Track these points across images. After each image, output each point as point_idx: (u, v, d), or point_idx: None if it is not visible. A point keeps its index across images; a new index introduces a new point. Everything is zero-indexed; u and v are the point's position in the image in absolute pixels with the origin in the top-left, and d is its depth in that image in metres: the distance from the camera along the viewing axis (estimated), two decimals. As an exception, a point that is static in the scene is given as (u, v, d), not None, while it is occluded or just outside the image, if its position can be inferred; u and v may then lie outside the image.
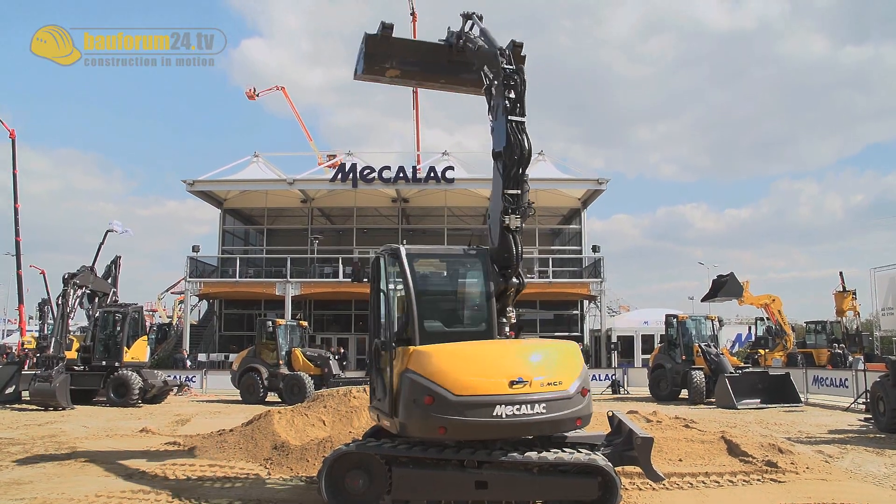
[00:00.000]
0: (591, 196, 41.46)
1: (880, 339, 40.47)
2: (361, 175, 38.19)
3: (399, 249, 7.72)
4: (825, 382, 24.01)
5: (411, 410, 7.08)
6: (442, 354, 7.25)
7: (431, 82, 10.75)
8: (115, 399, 21.86)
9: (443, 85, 10.57)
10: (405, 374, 7.21)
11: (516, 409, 6.96)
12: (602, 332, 39.35)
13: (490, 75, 8.83)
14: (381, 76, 10.37)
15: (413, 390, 7.07)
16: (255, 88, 57.28)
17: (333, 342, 40.48)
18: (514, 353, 7.62)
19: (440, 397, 6.93)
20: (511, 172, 8.39)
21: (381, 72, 10.23)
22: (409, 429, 7.20)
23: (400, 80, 10.78)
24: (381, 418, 7.92)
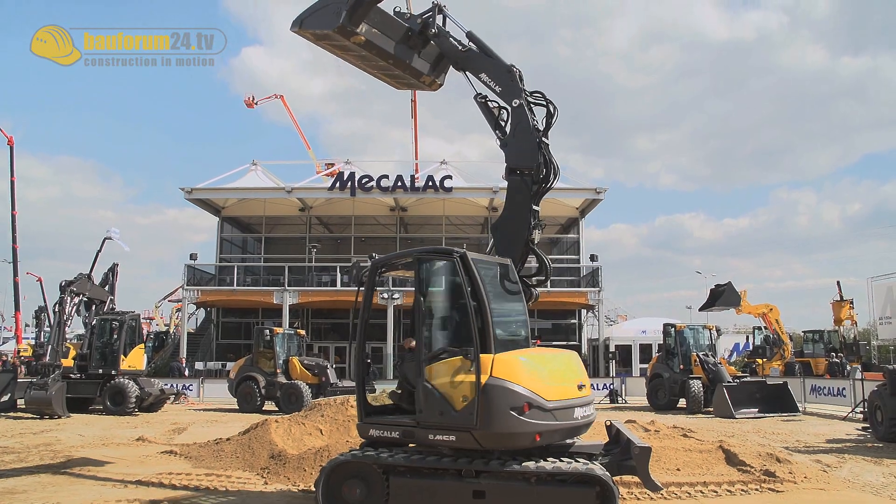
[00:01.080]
0: (590, 205, 41.46)
1: (878, 349, 40.42)
2: (360, 184, 38.22)
3: (467, 254, 7.53)
4: (823, 392, 24.00)
5: (507, 420, 6.94)
6: (525, 362, 7.33)
7: (380, 61, 9.97)
8: (111, 407, 21.78)
9: (385, 66, 10.07)
10: (493, 383, 6.99)
11: (585, 411, 7.55)
12: (600, 342, 39.31)
13: (496, 88, 9.01)
14: (343, 40, 9.51)
15: (508, 399, 6.96)
16: (253, 97, 57.53)
17: (331, 351, 40.44)
18: (569, 359, 7.98)
19: (536, 404, 7.00)
20: (542, 190, 8.71)
21: (348, 34, 9.41)
22: (501, 440, 7.09)
23: (352, 52, 9.86)
24: (436, 434, 7.28)
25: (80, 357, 22.95)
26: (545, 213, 32.70)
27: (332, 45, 9.79)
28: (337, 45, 9.77)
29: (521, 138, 8.77)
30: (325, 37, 9.62)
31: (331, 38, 9.56)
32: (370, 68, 10.21)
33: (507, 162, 8.82)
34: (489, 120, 9.31)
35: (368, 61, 10.01)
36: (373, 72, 10.30)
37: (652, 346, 36.47)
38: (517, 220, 8.63)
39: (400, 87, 10.73)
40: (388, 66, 10.01)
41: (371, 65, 10.10)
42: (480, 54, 9.27)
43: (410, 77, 10.25)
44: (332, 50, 9.96)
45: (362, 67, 10.25)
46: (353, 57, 9.91)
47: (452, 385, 7.19)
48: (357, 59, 9.94)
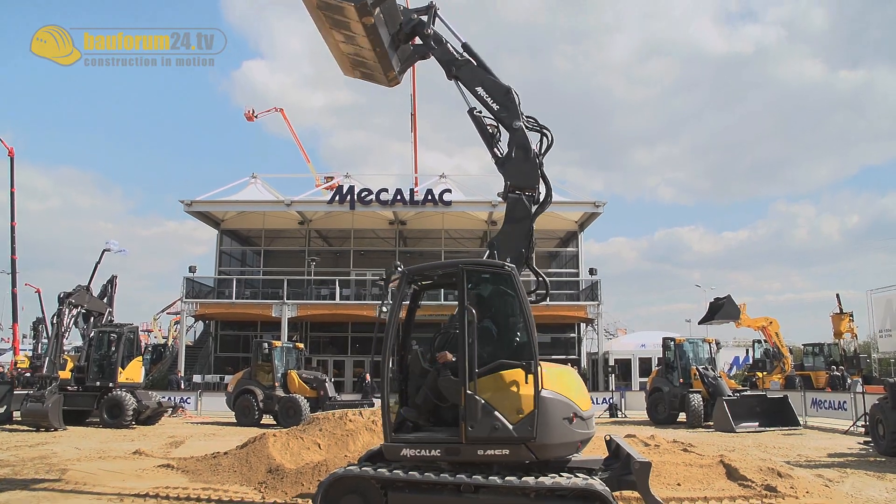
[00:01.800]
0: (588, 219, 41.47)
1: (878, 361, 40.39)
2: (359, 197, 38.25)
3: (514, 269, 7.61)
4: (824, 405, 23.90)
5: (560, 430, 7.17)
6: (563, 374, 7.68)
7: (364, 47, 9.46)
8: (108, 420, 21.68)
9: (357, 51, 9.59)
10: (547, 395, 7.16)
11: (595, 420, 7.93)
12: (599, 356, 39.19)
13: (493, 105, 9.02)
14: (350, 17, 8.96)
15: (561, 410, 7.22)
16: (253, 110, 57.51)
17: (330, 364, 40.34)
18: (575, 373, 8.23)
19: (579, 414, 7.34)
20: (539, 210, 8.91)
21: (363, 13, 8.85)
22: (556, 449, 7.29)
23: (344, 31, 9.30)
24: (486, 450, 7.15)
25: (78, 369, 22.90)
26: (544, 226, 32.78)
27: (329, 17, 9.10)
28: (334, 20, 9.12)
29: (523, 160, 8.83)
30: (333, 8, 8.90)
31: (338, 10, 8.89)
32: (343, 50, 9.67)
33: (509, 181, 8.78)
34: (484, 136, 9.20)
35: (351, 43, 9.44)
36: (343, 54, 9.77)
37: (651, 359, 36.38)
38: (517, 237, 8.65)
39: (356, 75, 10.11)
40: (361, 52, 9.57)
41: (349, 47, 9.58)
42: (478, 68, 9.21)
43: (379, 70, 9.83)
44: (324, 23, 9.25)
45: (338, 48, 9.67)
46: (341, 36, 9.33)
47: (506, 398, 7.16)
48: (342, 39, 9.37)
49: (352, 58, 9.80)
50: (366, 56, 9.56)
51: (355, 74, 10.04)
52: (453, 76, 9.24)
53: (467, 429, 7.10)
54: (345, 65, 9.97)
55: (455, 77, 9.21)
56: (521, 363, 7.21)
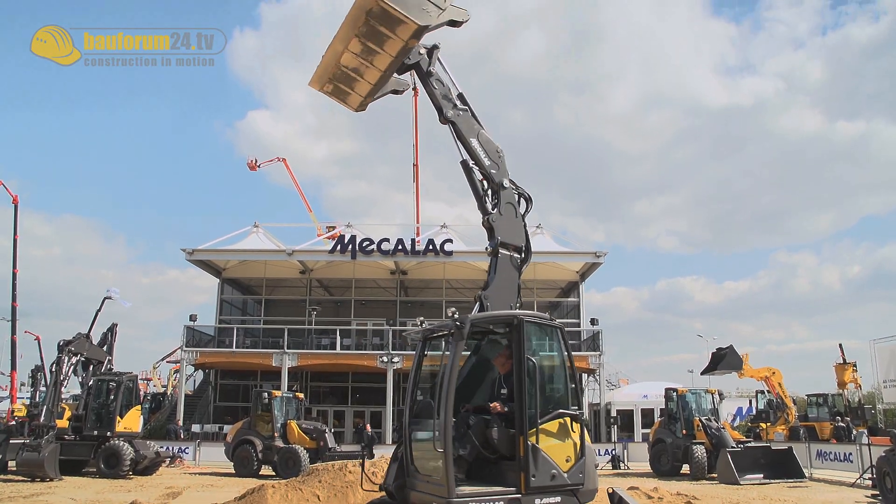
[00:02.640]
0: (590, 269, 41.56)
1: (883, 412, 39.99)
2: (360, 247, 38.39)
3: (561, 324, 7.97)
4: (829, 457, 23.63)
5: (595, 477, 7.69)
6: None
7: (383, 71, 8.78)
8: (105, 470, 21.37)
9: (378, 75, 8.87)
10: (587, 444, 7.61)
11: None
12: (601, 406, 38.90)
13: (485, 160, 8.98)
14: (398, 36, 8.19)
15: (594, 457, 7.85)
16: (256, 159, 58.04)
17: (330, 415, 40.04)
18: None
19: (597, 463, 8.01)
20: (524, 266, 9.07)
21: (415, 35, 8.19)
22: (593, 495, 7.59)
23: (377, 45, 8.42)
24: (543, 498, 7.15)
25: (76, 418, 22.66)
26: (546, 276, 32.88)
27: (371, 25, 8.08)
28: (372, 30, 8.15)
29: (512, 217, 8.99)
30: (386, 18, 7.92)
31: (391, 23, 7.97)
32: (341, 62, 8.74)
33: (500, 237, 8.76)
34: (476, 189, 9.01)
35: (362, 57, 8.58)
36: (333, 64, 8.82)
37: (654, 410, 36.09)
38: (508, 291, 8.64)
39: (326, 89, 9.21)
40: (363, 70, 8.78)
41: (353, 61, 8.70)
42: (473, 119, 9.13)
43: (362, 92, 9.13)
44: (357, 27, 8.16)
45: (336, 57, 8.68)
46: (359, 48, 8.40)
47: (558, 447, 7.34)
48: (357, 51, 8.46)
49: (341, 71, 8.84)
50: (365, 75, 8.83)
51: (325, 88, 9.19)
52: (449, 121, 8.99)
53: (528, 478, 7.03)
54: (323, 75, 9.07)
55: (451, 122, 8.99)
56: (577, 411, 7.53)
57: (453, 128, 8.93)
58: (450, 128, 8.96)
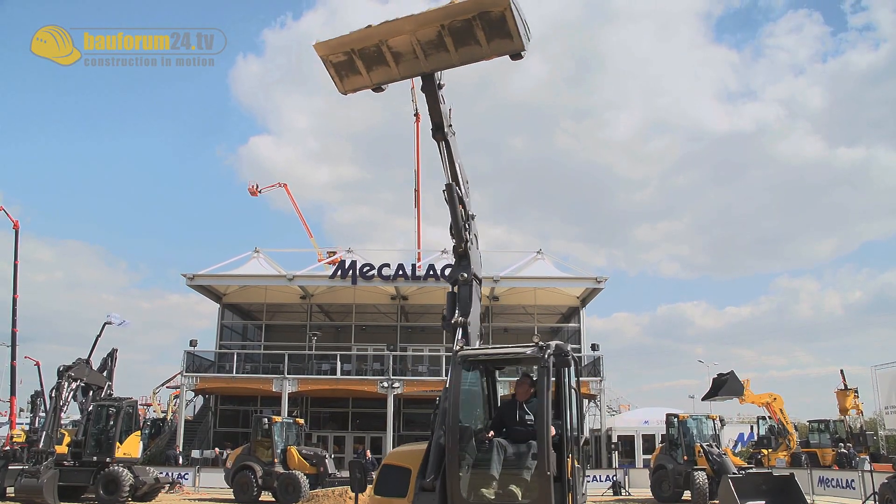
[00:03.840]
0: (590, 294, 41.58)
1: (886, 439, 39.83)
2: (361, 272, 38.45)
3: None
4: (831, 483, 23.55)
5: None
6: None
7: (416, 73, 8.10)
8: (104, 496, 21.22)
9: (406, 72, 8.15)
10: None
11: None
12: (602, 432, 38.73)
13: (465, 187, 8.78)
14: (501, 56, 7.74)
15: None
16: (257, 185, 58.29)
17: (330, 440, 39.89)
18: None
19: None
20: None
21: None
22: None
23: (448, 49, 7.74)
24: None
25: (75, 444, 22.57)
26: (546, 302, 32.99)
27: (470, 30, 7.47)
28: (467, 35, 7.52)
29: (477, 248, 8.98)
30: (497, 29, 7.40)
31: (503, 33, 7.43)
32: (386, 43, 7.79)
33: (473, 268, 8.65)
34: (456, 214, 8.55)
35: (411, 53, 7.83)
36: (373, 44, 7.84)
37: (655, 436, 35.91)
38: (478, 320, 8.62)
39: (336, 62, 8.15)
40: (397, 59, 7.96)
41: (402, 49, 7.84)
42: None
43: (374, 79, 8.24)
44: (449, 25, 7.47)
45: (383, 38, 7.74)
46: (428, 43, 7.68)
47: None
48: (418, 41, 7.69)
49: (376, 50, 7.86)
50: (400, 65, 7.96)
51: (333, 57, 8.07)
52: (445, 139, 8.46)
53: (576, 498, 7.18)
54: (345, 45, 7.97)
55: (446, 140, 8.48)
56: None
57: (447, 147, 8.49)
58: (442, 146, 8.50)
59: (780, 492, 21.11)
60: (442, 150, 8.47)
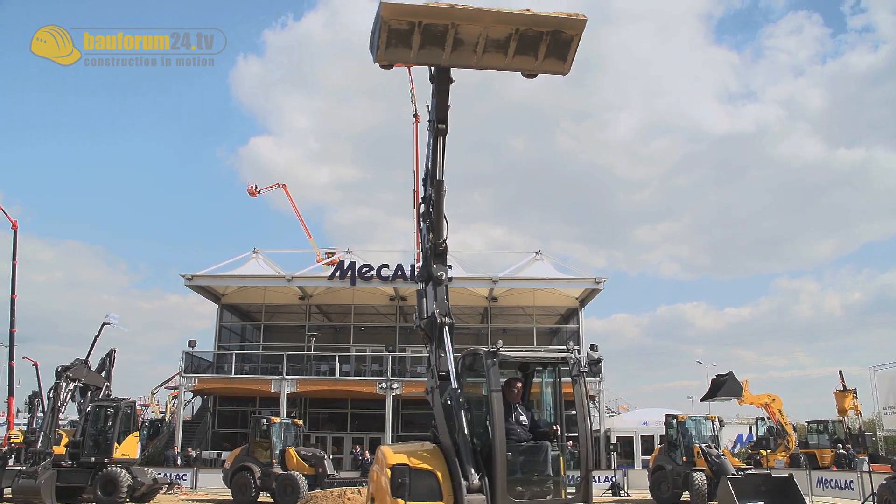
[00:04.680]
0: (589, 295, 41.54)
1: (884, 439, 39.81)
2: (360, 273, 38.41)
3: None
4: (830, 484, 23.54)
5: None
6: None
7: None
8: (102, 497, 21.17)
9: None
10: None
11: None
12: (601, 433, 38.71)
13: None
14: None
15: None
16: (256, 185, 58.21)
17: (328, 441, 39.85)
18: None
19: None
20: None
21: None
22: None
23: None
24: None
25: (73, 444, 22.51)
26: (545, 303, 32.84)
27: (537, 42, 7.59)
28: (531, 47, 7.64)
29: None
30: (559, 48, 7.66)
31: (556, 51, 7.67)
32: (457, 29, 7.46)
33: (447, 266, 8.84)
34: (441, 210, 8.70)
35: (485, 46, 7.61)
36: (444, 24, 7.37)
37: (654, 437, 35.91)
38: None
39: (394, 29, 7.42)
40: (456, 45, 7.62)
41: (469, 39, 7.60)
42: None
43: (419, 57, 7.71)
44: (521, 32, 7.49)
45: (456, 22, 7.41)
46: (492, 41, 7.57)
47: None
48: (491, 44, 7.59)
49: (443, 30, 7.43)
50: (456, 51, 7.68)
51: (398, 24, 7.32)
52: (445, 132, 8.39)
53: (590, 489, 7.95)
54: (418, 15, 7.35)
55: (444, 133, 8.39)
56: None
57: (443, 139, 8.41)
58: (440, 141, 8.41)
59: (779, 493, 21.10)
60: (439, 145, 8.40)
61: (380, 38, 7.24)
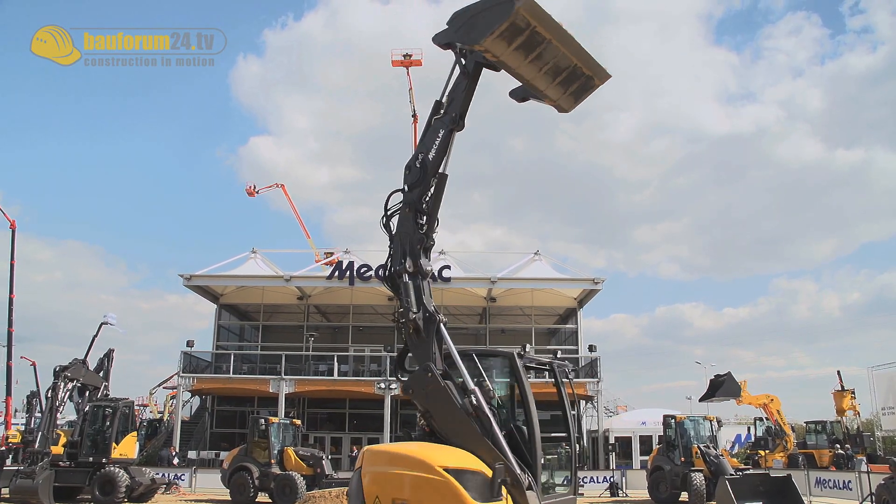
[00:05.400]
0: (588, 295, 41.53)
1: (882, 440, 39.85)
2: (358, 273, 38.37)
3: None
4: (828, 484, 23.54)
5: None
6: None
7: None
8: (100, 497, 21.16)
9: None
10: None
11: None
12: (599, 433, 38.71)
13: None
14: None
15: None
16: (255, 185, 58.35)
17: (327, 441, 39.82)
18: None
19: None
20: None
21: None
22: None
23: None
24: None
25: (71, 444, 22.51)
26: (543, 303, 32.76)
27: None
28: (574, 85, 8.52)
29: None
30: (582, 90, 8.55)
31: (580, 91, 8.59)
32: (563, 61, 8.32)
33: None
34: (438, 205, 8.68)
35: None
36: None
37: (652, 437, 35.90)
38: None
39: (505, 28, 7.73)
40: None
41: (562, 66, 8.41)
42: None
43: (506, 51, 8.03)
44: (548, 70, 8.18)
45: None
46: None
47: None
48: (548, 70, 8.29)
49: (534, 43, 7.96)
50: (525, 60, 8.13)
51: (521, 23, 7.68)
52: (461, 127, 8.46)
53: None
54: (529, 25, 7.77)
55: (460, 129, 8.48)
56: None
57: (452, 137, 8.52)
58: (453, 137, 8.49)
59: (778, 493, 21.09)
60: (452, 141, 8.47)
61: (499, 26, 7.45)
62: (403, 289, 8.45)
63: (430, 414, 8.07)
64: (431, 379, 7.99)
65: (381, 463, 7.71)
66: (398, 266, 8.55)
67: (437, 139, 8.44)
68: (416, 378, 8.24)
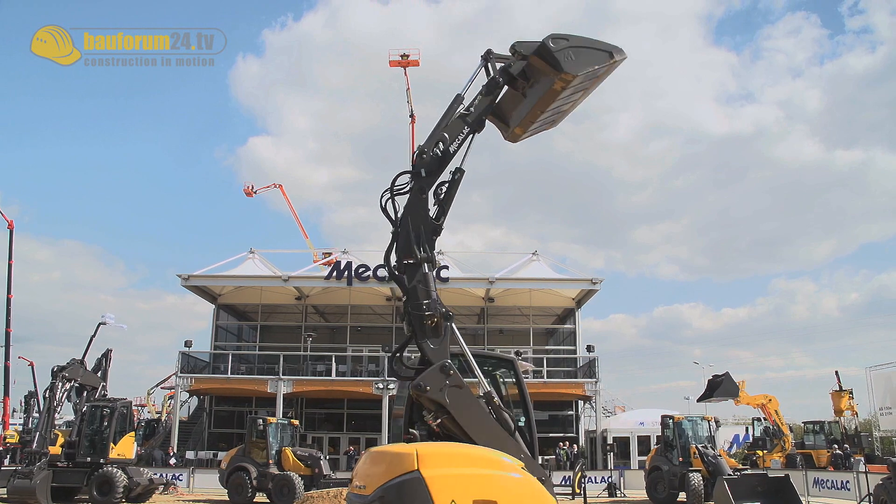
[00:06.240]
0: (586, 296, 41.49)
1: (880, 440, 39.89)
2: (356, 273, 38.33)
3: None
4: (826, 485, 23.55)
5: None
6: None
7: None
8: (98, 497, 21.11)
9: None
10: None
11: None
12: (597, 433, 38.70)
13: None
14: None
15: None
16: (252, 185, 58.41)
17: (325, 441, 39.78)
18: None
19: None
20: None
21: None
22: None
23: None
24: None
25: (69, 444, 22.48)
26: (542, 303, 32.72)
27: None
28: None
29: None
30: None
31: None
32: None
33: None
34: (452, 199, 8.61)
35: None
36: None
37: (650, 437, 35.91)
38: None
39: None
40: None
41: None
42: None
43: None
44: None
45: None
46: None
47: None
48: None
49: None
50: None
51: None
52: (482, 128, 8.78)
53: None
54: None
55: (480, 131, 8.76)
56: None
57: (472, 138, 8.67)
58: (472, 138, 8.61)
59: (776, 493, 21.09)
60: (471, 139, 8.58)
61: (596, 67, 8.38)
62: (423, 279, 8.28)
63: (448, 413, 7.68)
64: (453, 377, 7.76)
65: (453, 464, 7.11)
66: (419, 252, 8.29)
67: (460, 134, 8.46)
68: (431, 376, 7.85)
